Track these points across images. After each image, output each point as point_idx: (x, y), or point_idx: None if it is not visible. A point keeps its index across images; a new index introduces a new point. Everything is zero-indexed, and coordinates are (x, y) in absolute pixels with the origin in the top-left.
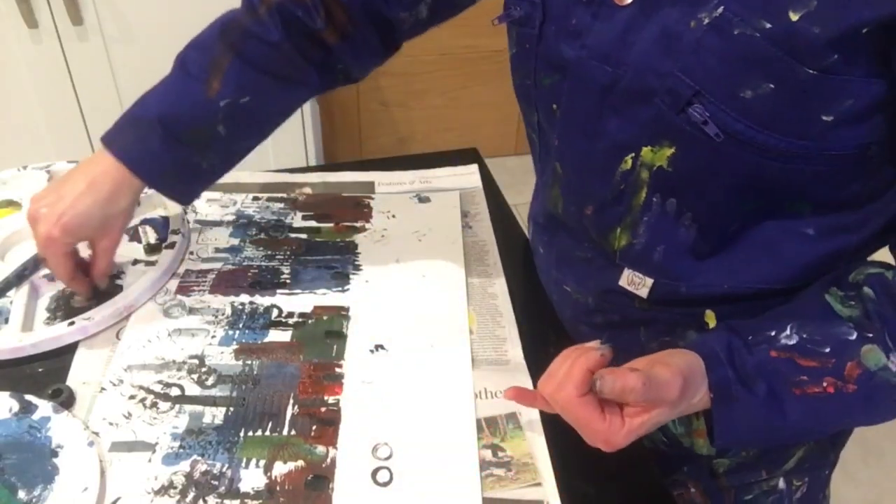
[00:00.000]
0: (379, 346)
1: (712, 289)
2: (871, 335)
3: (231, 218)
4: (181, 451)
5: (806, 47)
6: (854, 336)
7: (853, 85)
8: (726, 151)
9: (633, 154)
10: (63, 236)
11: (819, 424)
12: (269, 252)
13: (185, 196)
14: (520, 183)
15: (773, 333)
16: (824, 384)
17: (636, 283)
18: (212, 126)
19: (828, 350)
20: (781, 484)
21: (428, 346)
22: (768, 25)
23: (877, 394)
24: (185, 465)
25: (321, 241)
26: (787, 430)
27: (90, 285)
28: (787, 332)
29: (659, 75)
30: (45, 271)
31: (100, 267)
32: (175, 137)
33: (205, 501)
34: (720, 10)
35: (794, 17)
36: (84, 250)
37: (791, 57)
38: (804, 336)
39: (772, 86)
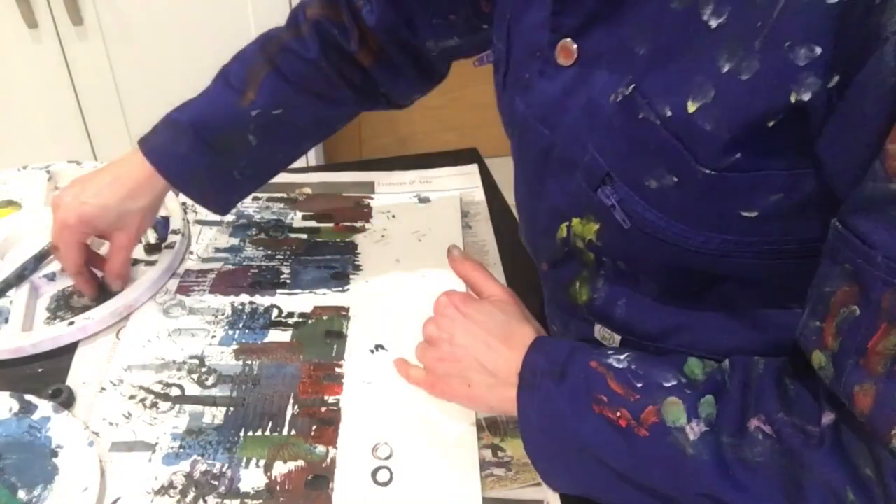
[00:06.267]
0: (379, 346)
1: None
2: (688, 392)
3: (231, 218)
4: (181, 451)
5: (702, 144)
6: (670, 384)
7: (774, 179)
8: (642, 239)
9: (567, 223)
10: (78, 224)
11: (611, 458)
12: (269, 252)
13: (219, 205)
14: None
15: (609, 352)
16: (618, 414)
17: (607, 338)
18: (242, 134)
19: (639, 385)
20: None
21: None
22: (669, 114)
23: (664, 454)
24: (185, 465)
25: (321, 241)
26: (584, 446)
27: (97, 285)
28: (622, 356)
29: (582, 147)
30: (45, 271)
31: (113, 264)
32: (205, 142)
33: (205, 501)
34: (630, 88)
35: (691, 108)
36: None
37: (688, 152)
38: (632, 367)
39: (675, 179)
